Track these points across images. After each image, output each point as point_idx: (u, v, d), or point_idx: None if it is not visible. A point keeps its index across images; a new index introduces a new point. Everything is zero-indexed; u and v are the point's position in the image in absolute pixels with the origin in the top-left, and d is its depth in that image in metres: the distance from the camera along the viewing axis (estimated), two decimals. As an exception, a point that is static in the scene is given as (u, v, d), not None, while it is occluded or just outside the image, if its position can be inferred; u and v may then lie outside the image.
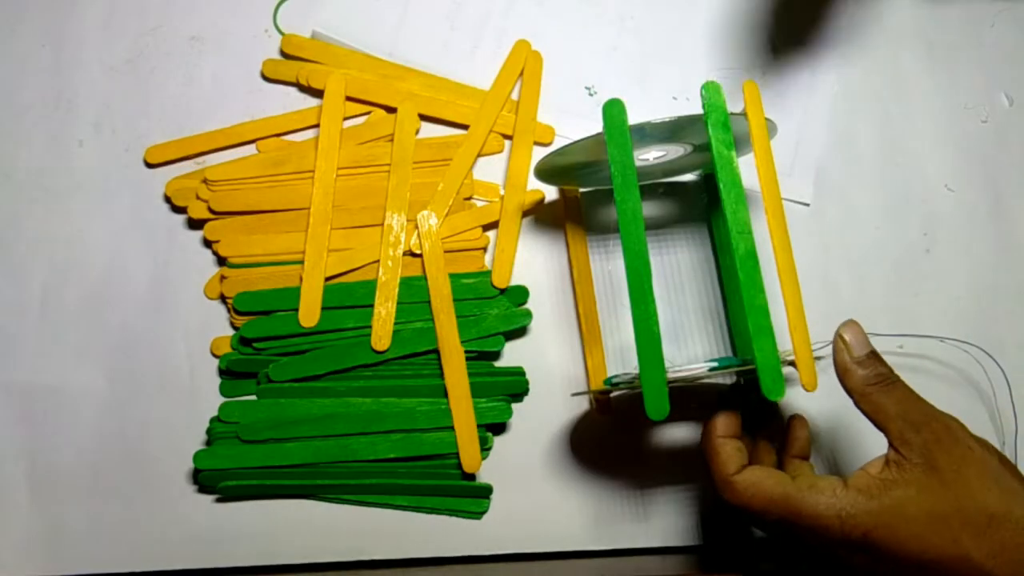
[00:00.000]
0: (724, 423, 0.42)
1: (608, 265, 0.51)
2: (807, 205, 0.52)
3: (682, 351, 0.50)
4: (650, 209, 0.52)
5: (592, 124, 0.49)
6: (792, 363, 0.42)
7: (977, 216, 0.52)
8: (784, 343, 0.43)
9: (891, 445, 0.38)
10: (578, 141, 0.44)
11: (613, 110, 0.41)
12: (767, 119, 0.43)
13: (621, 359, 0.50)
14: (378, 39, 0.53)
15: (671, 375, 0.40)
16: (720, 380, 0.50)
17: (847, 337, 0.40)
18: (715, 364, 0.42)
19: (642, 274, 0.39)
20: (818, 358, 0.41)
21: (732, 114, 0.41)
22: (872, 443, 0.48)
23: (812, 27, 0.55)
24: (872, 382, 0.39)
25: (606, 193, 0.52)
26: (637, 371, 0.39)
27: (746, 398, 0.49)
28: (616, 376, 0.45)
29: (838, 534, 0.37)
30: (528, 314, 0.50)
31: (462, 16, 0.54)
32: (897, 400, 0.39)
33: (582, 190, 0.52)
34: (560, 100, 0.53)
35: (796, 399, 0.50)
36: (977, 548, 0.36)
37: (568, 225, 0.51)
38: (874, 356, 0.40)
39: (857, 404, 0.40)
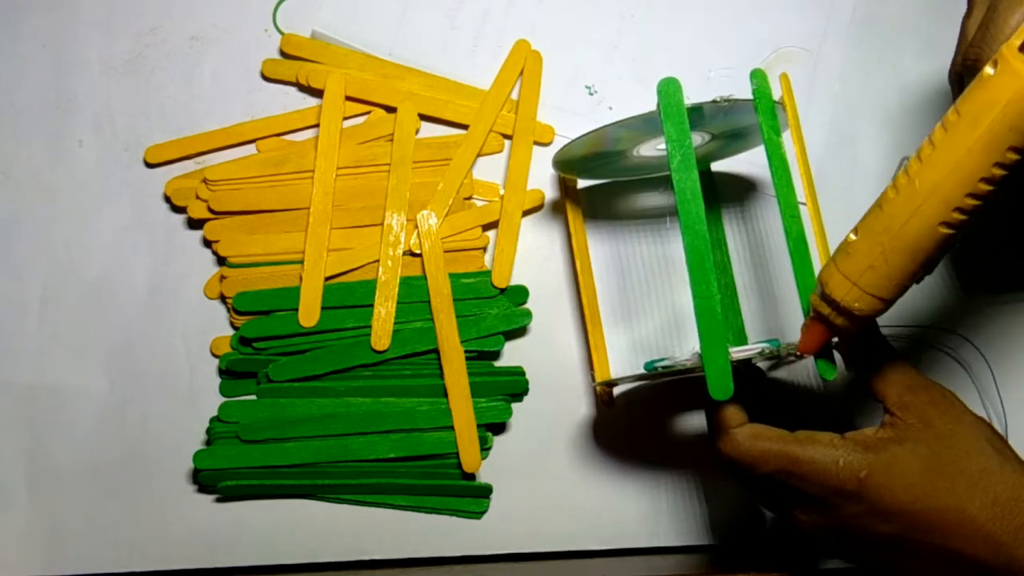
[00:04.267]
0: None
1: (616, 254, 0.51)
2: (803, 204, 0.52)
3: (682, 344, 0.50)
4: (649, 201, 0.52)
5: (592, 123, 0.49)
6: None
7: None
8: (781, 333, 0.43)
9: (887, 411, 0.39)
10: (606, 126, 0.43)
11: (669, 88, 0.39)
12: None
13: (632, 350, 0.50)
14: (378, 39, 0.53)
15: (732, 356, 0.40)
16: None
17: None
18: (767, 345, 0.42)
19: (703, 253, 0.38)
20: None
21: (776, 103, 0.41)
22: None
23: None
24: (879, 354, 0.41)
25: (602, 186, 0.52)
26: (683, 356, 0.39)
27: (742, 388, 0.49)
28: (659, 360, 0.44)
29: (834, 480, 0.37)
30: (528, 314, 0.50)
31: (462, 15, 0.54)
32: (899, 370, 0.40)
33: (582, 184, 0.52)
34: (560, 100, 0.53)
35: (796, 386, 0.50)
36: (970, 499, 0.36)
37: (569, 214, 0.50)
38: (882, 336, 0.42)
39: (860, 372, 0.41)
